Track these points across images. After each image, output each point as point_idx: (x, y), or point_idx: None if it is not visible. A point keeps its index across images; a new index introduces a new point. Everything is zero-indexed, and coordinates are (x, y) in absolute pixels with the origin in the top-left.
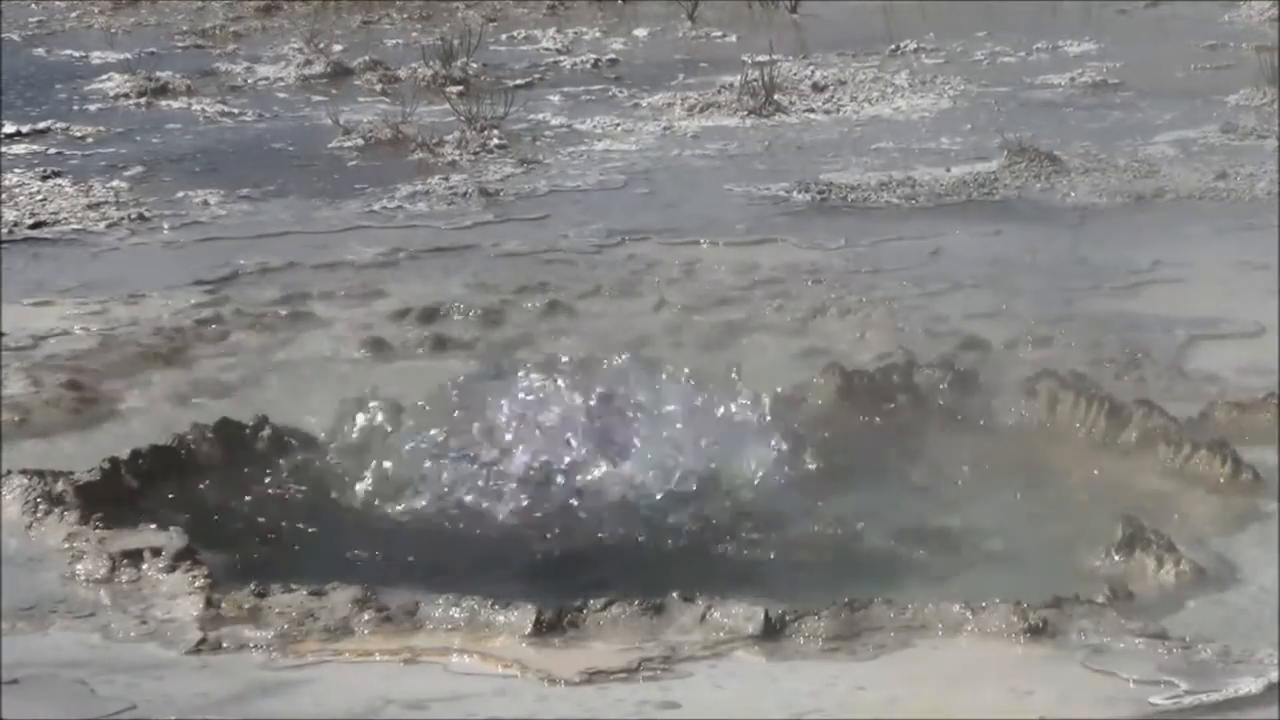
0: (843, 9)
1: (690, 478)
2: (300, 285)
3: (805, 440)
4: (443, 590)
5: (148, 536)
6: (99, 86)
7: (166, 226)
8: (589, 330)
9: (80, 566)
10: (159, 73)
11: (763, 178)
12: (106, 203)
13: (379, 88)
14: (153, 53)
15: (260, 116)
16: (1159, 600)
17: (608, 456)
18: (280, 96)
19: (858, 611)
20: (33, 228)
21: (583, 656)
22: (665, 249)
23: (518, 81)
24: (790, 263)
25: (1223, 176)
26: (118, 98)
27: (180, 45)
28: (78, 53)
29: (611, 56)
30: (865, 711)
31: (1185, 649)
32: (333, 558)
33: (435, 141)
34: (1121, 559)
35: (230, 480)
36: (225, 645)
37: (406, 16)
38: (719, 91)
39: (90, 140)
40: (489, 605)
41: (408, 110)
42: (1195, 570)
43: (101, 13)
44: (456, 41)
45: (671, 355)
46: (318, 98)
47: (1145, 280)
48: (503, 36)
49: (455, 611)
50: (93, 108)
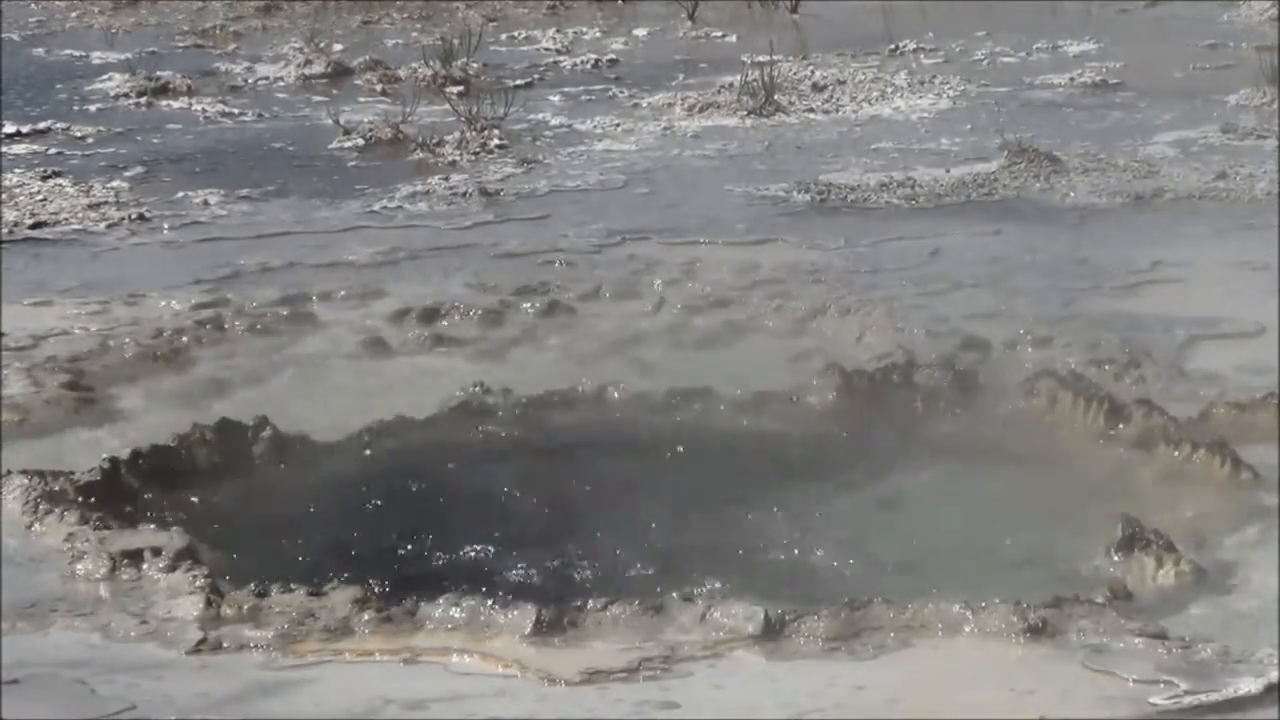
0: (843, 9)
1: None
2: (300, 285)
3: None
4: None
5: (148, 536)
6: (99, 86)
7: (167, 226)
8: (589, 330)
9: (80, 566)
10: (159, 73)
11: (762, 178)
12: (107, 203)
13: (379, 88)
14: (153, 53)
15: (260, 116)
16: (1159, 600)
17: None
18: (280, 96)
19: (857, 611)
20: (33, 228)
21: (583, 656)
22: (665, 249)
23: (518, 82)
24: (790, 263)
25: (1222, 176)
26: (118, 98)
27: (180, 45)
28: (78, 53)
29: (611, 57)
30: (865, 711)
31: (1185, 649)
32: None
33: (435, 141)
34: (1120, 559)
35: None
36: (225, 645)
37: (406, 16)
38: (719, 91)
39: (90, 140)
40: (489, 605)
41: (408, 110)
42: (1195, 570)
43: (101, 13)
44: (456, 41)
45: (671, 355)
46: (318, 98)
47: (1145, 280)
48: (503, 36)
49: (455, 611)
50: (93, 108)
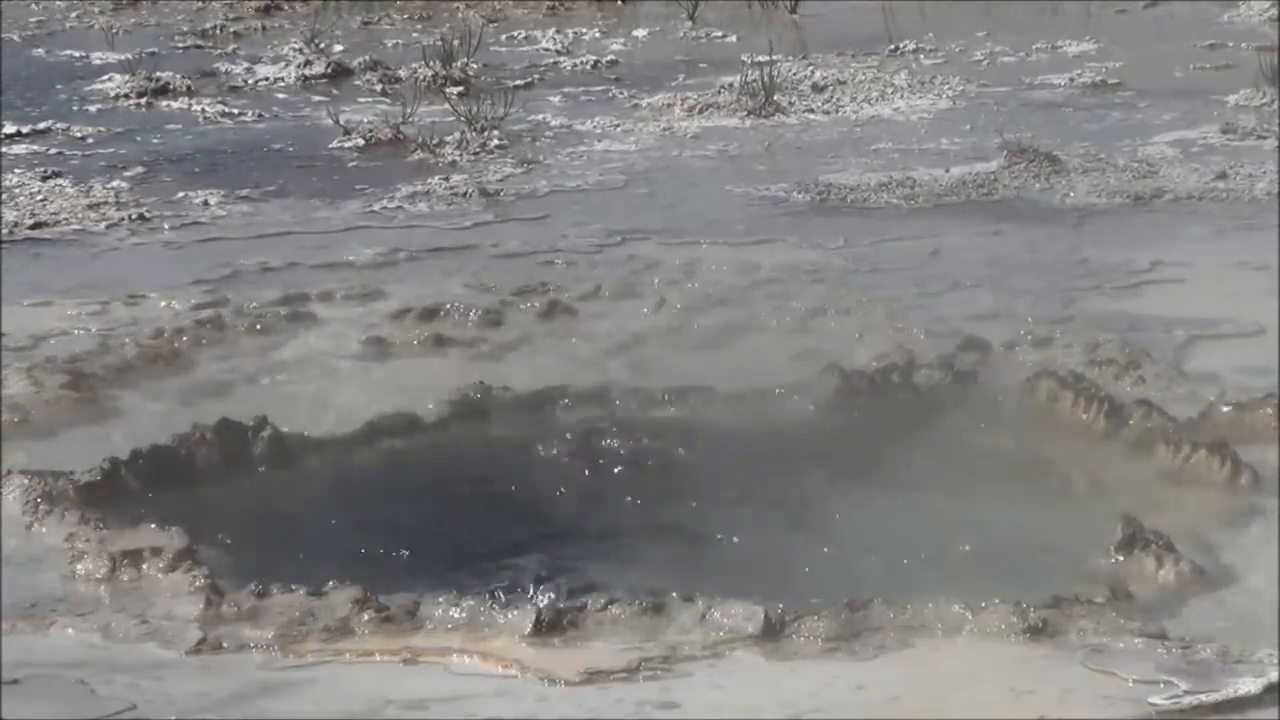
0: (843, 9)
1: None
2: (300, 285)
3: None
4: None
5: (148, 536)
6: (99, 87)
7: (167, 227)
8: (589, 330)
9: (80, 566)
10: (159, 73)
11: (762, 178)
12: (107, 203)
13: (379, 88)
14: (153, 53)
15: (260, 117)
16: (1159, 600)
17: None
18: (280, 97)
19: (857, 611)
20: (33, 228)
21: (583, 656)
22: (665, 249)
23: (518, 82)
24: (790, 263)
25: (1222, 176)
26: (118, 98)
27: (180, 45)
28: (78, 53)
29: (611, 57)
30: (865, 711)
31: (1185, 649)
32: None
33: (435, 142)
34: (1121, 558)
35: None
36: (225, 645)
37: (406, 16)
38: (719, 92)
39: (90, 140)
40: (489, 605)
41: (408, 110)
42: (1195, 570)
43: (101, 13)
44: (456, 42)
45: (670, 355)
46: (318, 98)
47: (1145, 280)
48: (503, 37)
49: (455, 611)
50: (93, 108)
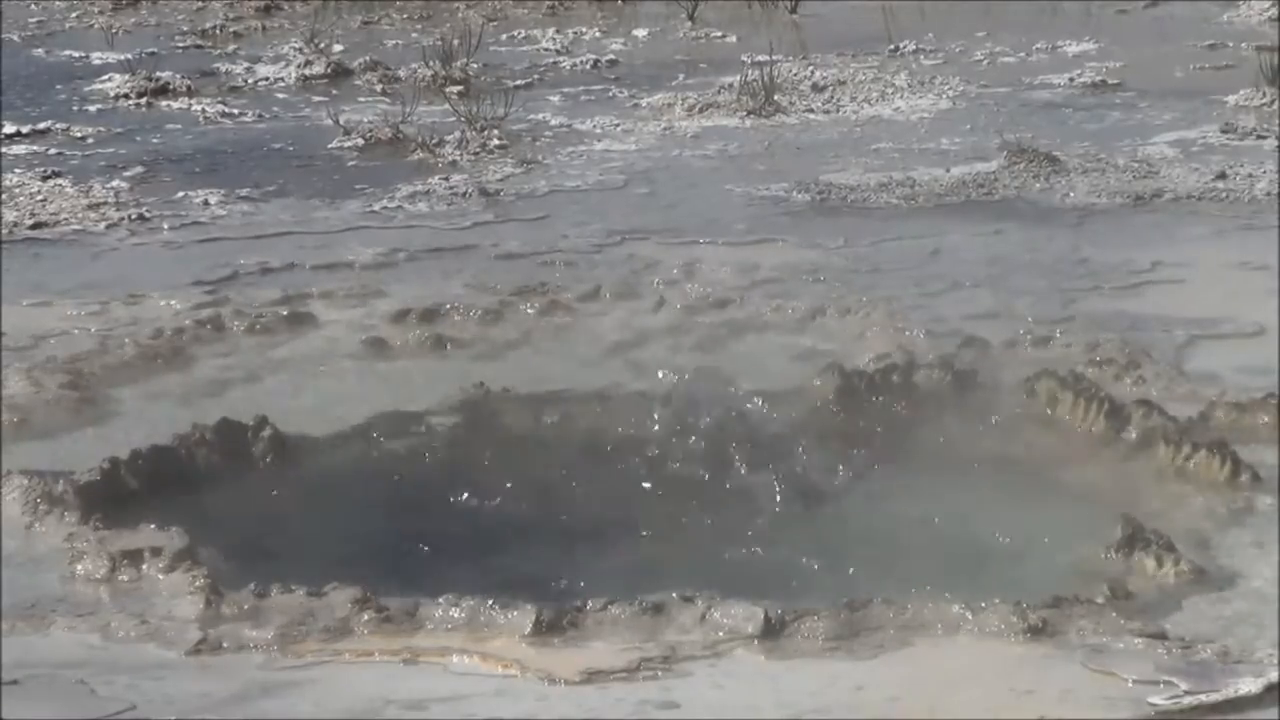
0: (843, 9)
1: None
2: (300, 285)
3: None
4: None
5: (148, 536)
6: (99, 87)
7: (166, 227)
8: (588, 330)
9: (80, 566)
10: (159, 73)
11: (762, 178)
12: (106, 203)
13: (379, 88)
14: (153, 53)
15: (260, 117)
16: (1158, 600)
17: None
18: (280, 97)
19: (857, 611)
20: (33, 228)
21: (583, 656)
22: (665, 249)
23: (518, 82)
24: (790, 263)
25: (1222, 177)
26: (118, 98)
27: (180, 45)
28: (78, 53)
29: (611, 57)
30: (865, 711)
31: (1185, 649)
32: None
33: (435, 142)
34: (1120, 558)
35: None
36: (225, 645)
37: (406, 16)
38: (719, 92)
39: (90, 140)
40: (489, 605)
41: (408, 110)
42: (1195, 570)
43: (101, 13)
44: (456, 42)
45: (670, 355)
46: (318, 98)
47: (1145, 280)
48: (503, 37)
49: (455, 611)
50: (93, 108)
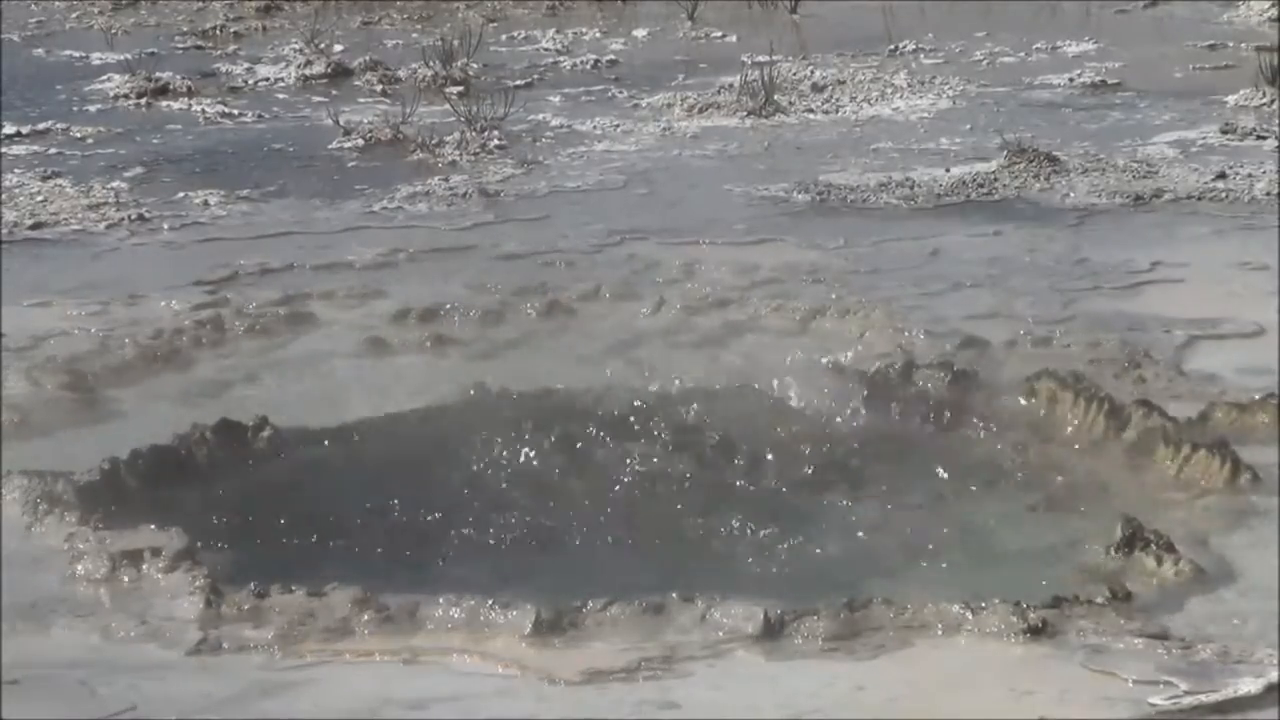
0: (843, 9)
1: None
2: (300, 286)
3: None
4: None
5: (148, 536)
6: (99, 87)
7: (166, 227)
8: (588, 330)
9: (80, 567)
10: (159, 73)
11: (762, 178)
12: (106, 203)
13: (379, 88)
14: (153, 53)
15: (260, 117)
16: (1158, 600)
17: None
18: (280, 97)
19: (857, 611)
20: (33, 228)
21: (583, 656)
22: (665, 249)
23: (518, 82)
24: (790, 263)
25: (1222, 177)
26: (117, 98)
27: (180, 46)
28: (78, 53)
29: (611, 57)
30: (865, 711)
31: (1185, 649)
32: None
33: (435, 142)
34: (1120, 558)
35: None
36: (225, 646)
37: (406, 16)
38: (719, 92)
39: (90, 141)
40: (489, 605)
41: (408, 111)
42: (1195, 570)
43: (101, 13)
44: (456, 42)
45: (670, 355)
46: (318, 98)
47: (1145, 280)
48: (503, 37)
49: (455, 611)
50: (93, 108)
